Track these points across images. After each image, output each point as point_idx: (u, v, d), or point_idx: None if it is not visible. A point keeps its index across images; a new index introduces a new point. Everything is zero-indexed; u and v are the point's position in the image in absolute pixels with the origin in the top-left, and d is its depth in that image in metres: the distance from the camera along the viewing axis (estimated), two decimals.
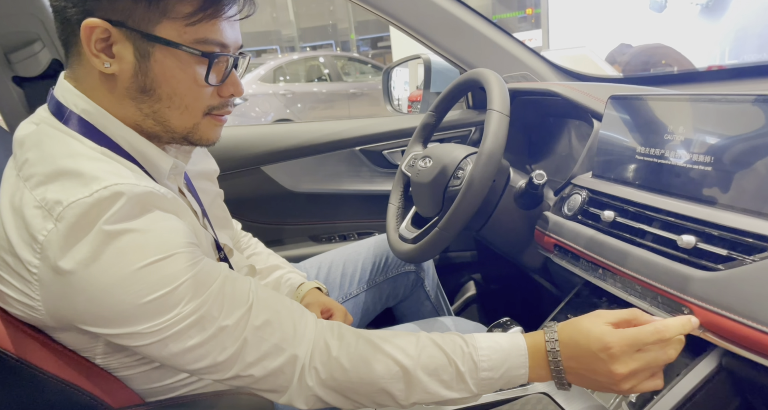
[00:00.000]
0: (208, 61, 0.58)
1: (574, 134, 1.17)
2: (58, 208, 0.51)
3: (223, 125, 0.67)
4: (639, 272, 0.65)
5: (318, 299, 0.93)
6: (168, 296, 0.53)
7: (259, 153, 1.37)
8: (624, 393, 0.57)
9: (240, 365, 0.56)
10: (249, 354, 0.56)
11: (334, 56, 7.45)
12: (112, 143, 0.59)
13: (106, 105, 0.59)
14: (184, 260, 0.54)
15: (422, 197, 1.00)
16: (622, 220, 0.73)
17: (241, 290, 0.58)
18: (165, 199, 0.56)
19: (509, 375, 0.59)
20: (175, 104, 0.59)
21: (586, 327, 0.58)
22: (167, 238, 0.54)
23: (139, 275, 0.52)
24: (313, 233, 1.48)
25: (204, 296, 0.55)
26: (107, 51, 0.56)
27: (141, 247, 0.52)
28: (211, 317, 0.55)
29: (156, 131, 0.61)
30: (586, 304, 0.82)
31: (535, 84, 1.22)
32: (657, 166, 0.71)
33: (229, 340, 0.56)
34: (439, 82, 1.58)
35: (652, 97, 0.74)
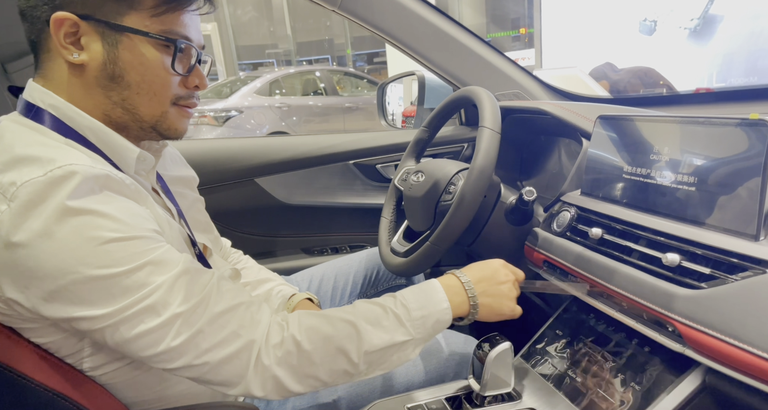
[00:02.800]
0: (174, 47, 0.62)
1: (564, 152, 1.19)
2: (11, 189, 0.52)
3: (191, 117, 0.70)
4: (625, 289, 0.66)
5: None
6: (122, 277, 0.53)
7: (253, 165, 1.38)
8: (513, 310, 0.76)
9: (194, 352, 0.56)
10: (204, 341, 0.56)
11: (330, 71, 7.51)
12: (77, 135, 0.61)
13: (74, 98, 0.62)
14: (142, 244, 0.55)
15: (414, 211, 1.01)
16: (610, 237, 0.74)
17: (200, 279, 0.59)
18: (123, 184, 0.58)
19: (436, 309, 0.70)
20: (143, 90, 0.62)
21: (483, 260, 0.80)
22: (127, 220, 0.55)
23: (95, 253, 0.52)
24: (305, 246, 1.48)
25: (160, 282, 0.55)
26: (76, 44, 0.60)
27: (99, 225, 0.53)
28: (165, 302, 0.55)
29: (125, 120, 0.64)
30: (575, 320, 0.83)
31: (527, 103, 1.24)
32: (643, 185, 0.73)
33: (184, 326, 0.55)
34: (432, 99, 1.61)
35: (640, 118, 0.75)
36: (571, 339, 0.80)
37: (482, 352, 0.73)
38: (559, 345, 0.81)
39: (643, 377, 0.65)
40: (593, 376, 0.71)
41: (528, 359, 0.82)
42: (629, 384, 0.66)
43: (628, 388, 0.66)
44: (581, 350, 0.77)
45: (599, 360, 0.73)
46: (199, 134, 5.59)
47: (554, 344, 0.82)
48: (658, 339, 0.63)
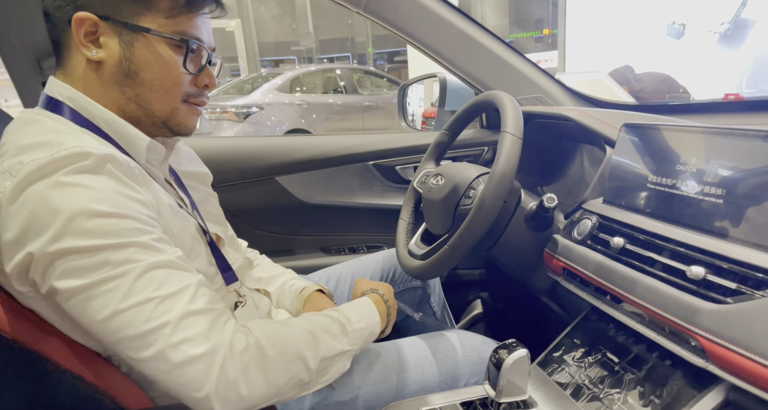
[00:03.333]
0: (186, 47, 0.66)
1: (587, 159, 1.18)
2: (17, 167, 0.55)
3: (200, 114, 0.74)
4: (647, 300, 0.66)
5: (321, 306, 0.93)
6: (104, 251, 0.54)
7: (274, 164, 1.40)
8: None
9: (162, 343, 0.54)
10: (173, 335, 0.55)
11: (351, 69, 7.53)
12: (92, 125, 0.65)
13: (91, 92, 0.66)
14: (130, 223, 0.56)
15: (433, 214, 1.01)
16: (632, 247, 0.73)
17: (182, 275, 0.58)
18: (127, 166, 0.60)
19: (371, 322, 0.77)
20: (156, 87, 0.66)
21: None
22: (118, 199, 0.56)
23: (77, 223, 0.53)
24: (323, 245, 1.50)
25: (141, 264, 0.55)
26: (95, 42, 0.64)
27: (89, 198, 0.54)
28: (141, 285, 0.55)
29: (138, 115, 0.67)
30: (594, 329, 0.82)
31: (550, 108, 1.23)
32: (668, 195, 0.71)
33: (155, 313, 0.55)
34: (454, 101, 1.60)
35: (667, 128, 0.74)
36: (590, 349, 0.79)
37: (498, 358, 0.72)
38: (576, 353, 0.80)
39: (663, 390, 0.64)
40: (611, 387, 0.70)
41: (544, 367, 0.82)
42: (649, 397, 0.65)
43: (648, 401, 0.65)
44: (600, 360, 0.76)
45: (618, 371, 0.72)
46: (220, 130, 5.66)
47: (572, 353, 0.81)
48: (680, 353, 0.62)
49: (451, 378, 0.89)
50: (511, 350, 0.72)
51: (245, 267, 0.88)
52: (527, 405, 0.74)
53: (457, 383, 0.90)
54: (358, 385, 0.84)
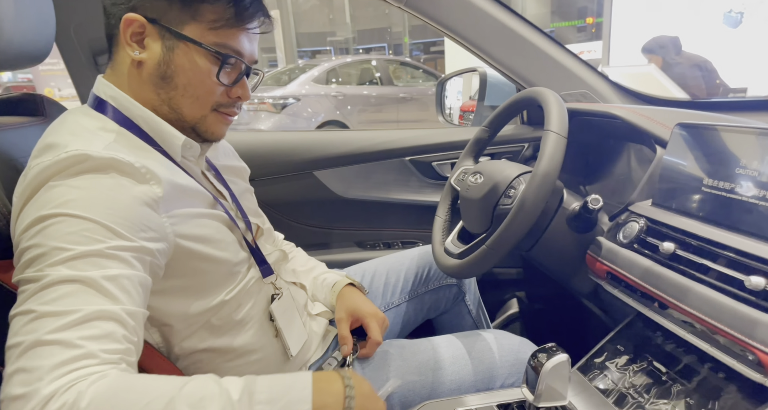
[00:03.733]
0: (221, 61, 0.68)
1: (635, 158, 1.13)
2: (29, 171, 0.59)
3: (230, 123, 0.75)
4: (700, 310, 0.63)
5: (350, 305, 0.92)
6: (47, 250, 0.52)
7: (312, 158, 1.41)
8: None
9: (9, 364, 0.48)
10: (17, 360, 0.48)
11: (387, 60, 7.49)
12: (132, 123, 0.67)
13: (131, 90, 0.68)
14: (90, 230, 0.53)
15: (471, 212, 1.00)
16: (683, 253, 0.70)
17: (88, 298, 0.51)
18: (132, 166, 0.59)
19: (288, 399, 0.54)
20: (188, 93, 0.68)
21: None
22: (97, 203, 0.55)
23: (45, 221, 0.53)
24: (358, 239, 1.50)
25: (58, 274, 0.51)
26: (140, 42, 0.67)
27: (66, 199, 0.54)
28: (38, 295, 0.50)
29: (170, 117, 0.69)
30: (639, 336, 0.79)
31: (595, 105, 1.18)
32: (726, 200, 0.68)
33: (24, 328, 0.49)
34: (493, 96, 1.57)
35: (725, 128, 0.70)
36: (635, 356, 0.77)
37: (537, 362, 0.71)
38: (620, 360, 0.78)
39: (715, 404, 0.62)
40: (658, 397, 0.68)
41: (585, 372, 0.80)
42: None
43: None
44: (645, 368, 0.74)
45: (666, 381, 0.70)
46: (257, 121, 5.76)
47: (615, 359, 0.78)
48: (736, 366, 0.59)
49: (488, 378, 0.89)
50: (550, 354, 0.71)
51: (281, 260, 0.89)
52: None
53: (493, 383, 0.89)
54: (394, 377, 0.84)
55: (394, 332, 1.12)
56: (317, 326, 0.93)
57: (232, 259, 0.73)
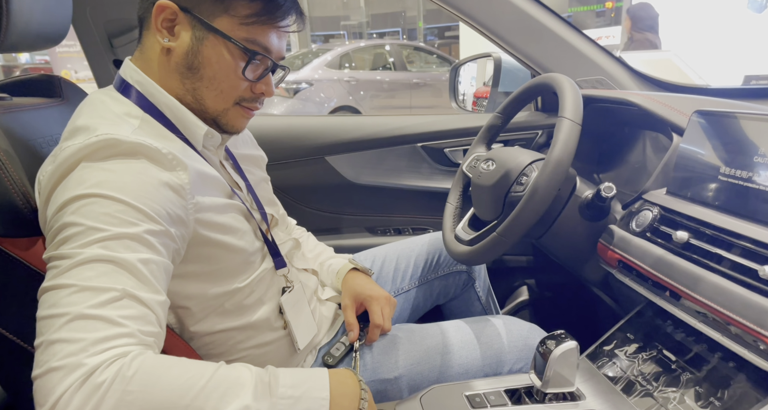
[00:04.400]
0: (248, 57, 0.67)
1: (650, 146, 1.11)
2: (59, 152, 0.59)
3: (251, 117, 0.75)
4: (713, 299, 0.62)
5: (354, 289, 0.92)
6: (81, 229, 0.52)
7: (324, 144, 1.41)
8: None
9: (48, 335, 0.48)
10: (58, 331, 0.48)
11: (401, 45, 7.41)
12: (156, 109, 0.67)
13: (157, 78, 0.69)
14: (121, 212, 0.54)
15: (482, 199, 0.99)
16: (697, 242, 0.69)
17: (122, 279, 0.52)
18: (159, 152, 0.60)
19: (311, 395, 0.55)
20: (213, 85, 0.68)
21: None
22: (128, 186, 0.56)
23: (81, 203, 0.54)
24: (369, 225, 1.51)
25: (91, 252, 0.51)
26: (170, 30, 0.67)
27: (98, 180, 0.55)
28: (74, 271, 0.51)
29: (193, 108, 0.70)
30: (649, 325, 0.79)
31: (612, 92, 1.16)
32: (742, 189, 0.67)
33: (63, 300, 0.49)
34: (508, 82, 1.55)
35: (744, 116, 0.69)
36: (644, 345, 0.77)
37: (546, 349, 0.71)
38: (629, 348, 0.78)
39: (725, 393, 0.61)
40: (667, 385, 0.68)
41: (594, 359, 0.80)
42: (708, 399, 0.63)
43: (707, 403, 0.62)
44: (654, 357, 0.73)
45: (675, 369, 0.69)
46: (270, 105, 5.76)
47: (624, 347, 0.78)
48: (747, 355, 0.58)
49: (496, 363, 0.89)
50: (559, 341, 0.71)
51: (294, 249, 0.90)
52: (574, 397, 0.73)
53: (501, 368, 0.89)
54: (402, 364, 0.85)
55: (403, 317, 1.13)
56: (327, 310, 0.94)
57: (247, 248, 0.74)
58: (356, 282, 0.94)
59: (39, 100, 0.80)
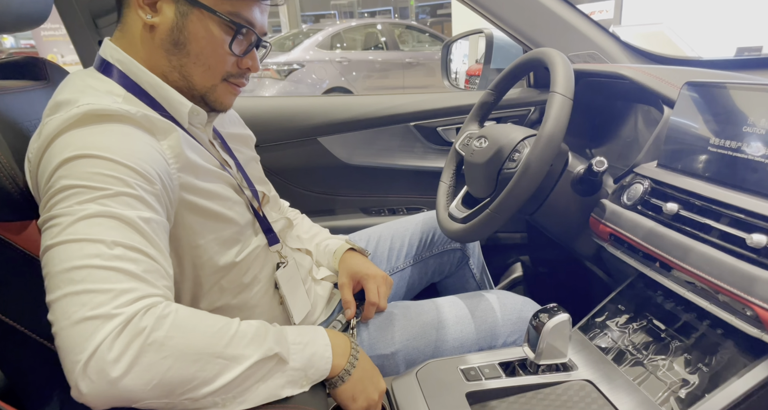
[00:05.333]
0: (234, 30, 0.67)
1: (642, 120, 1.11)
2: (43, 128, 0.59)
3: (238, 94, 0.75)
4: (701, 268, 0.63)
5: (351, 268, 0.94)
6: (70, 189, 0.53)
7: (316, 124, 1.40)
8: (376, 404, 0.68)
9: (68, 288, 0.48)
10: (82, 282, 0.48)
11: (392, 24, 7.29)
12: (138, 88, 0.67)
13: (140, 56, 0.68)
14: (113, 171, 0.54)
15: (475, 177, 0.99)
16: (686, 213, 0.70)
17: (130, 234, 0.52)
18: (146, 117, 0.60)
19: (317, 342, 0.64)
20: (200, 61, 0.68)
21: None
22: (119, 146, 0.56)
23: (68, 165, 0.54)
24: (363, 206, 1.51)
25: (93, 208, 0.51)
26: (152, 6, 0.66)
27: (86, 142, 0.55)
28: (80, 227, 0.51)
29: (179, 85, 0.69)
30: (640, 296, 0.81)
31: (603, 66, 1.16)
32: (731, 159, 0.67)
33: (77, 253, 0.49)
34: (500, 58, 1.54)
35: (734, 86, 0.69)
36: (635, 315, 0.78)
37: (539, 322, 0.73)
38: (620, 319, 0.79)
39: (712, 359, 0.63)
40: (656, 353, 0.70)
41: (586, 331, 0.82)
42: (696, 365, 0.64)
43: (695, 369, 0.64)
44: (645, 326, 0.75)
45: (664, 338, 0.71)
46: (262, 88, 5.69)
47: (615, 318, 0.80)
48: (734, 322, 0.60)
49: (490, 337, 0.91)
50: (552, 314, 0.73)
51: (286, 228, 0.91)
52: (567, 368, 0.75)
53: (495, 341, 0.91)
54: (398, 340, 0.87)
55: (399, 295, 1.14)
56: (322, 290, 0.95)
57: (238, 220, 0.74)
58: (353, 262, 0.95)
59: (24, 82, 0.79)
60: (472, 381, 0.73)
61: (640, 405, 0.64)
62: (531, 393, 0.71)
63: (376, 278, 0.92)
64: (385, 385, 0.70)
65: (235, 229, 0.74)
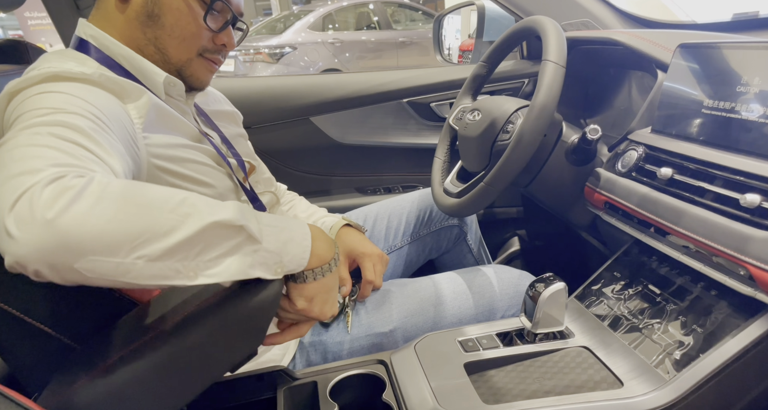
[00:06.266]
0: (208, 5, 0.68)
1: (635, 87, 1.10)
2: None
3: (214, 72, 0.74)
4: (695, 231, 0.63)
5: (347, 246, 0.93)
6: (32, 111, 0.50)
7: (308, 104, 1.39)
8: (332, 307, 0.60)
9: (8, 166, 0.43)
10: (17, 162, 0.43)
11: (384, 2, 7.17)
12: (111, 61, 0.67)
13: (116, 31, 0.68)
14: (70, 102, 0.52)
15: (469, 151, 0.99)
16: (681, 178, 0.70)
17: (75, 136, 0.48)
18: (109, 79, 0.59)
19: (294, 229, 0.54)
20: (175, 33, 0.68)
21: None
22: (79, 96, 0.54)
23: (29, 101, 0.52)
24: (359, 185, 1.51)
25: (61, 122, 0.49)
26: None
27: (45, 95, 0.53)
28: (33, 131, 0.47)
29: (155, 59, 0.69)
30: (635, 263, 0.81)
31: (596, 32, 1.14)
32: (725, 120, 0.66)
33: (17, 149, 0.45)
34: (493, 31, 1.51)
35: (727, 45, 0.68)
36: (630, 281, 0.78)
37: (535, 291, 0.73)
38: (616, 286, 0.79)
39: (707, 320, 0.63)
40: (651, 318, 0.70)
41: (582, 299, 0.82)
42: (691, 327, 0.64)
43: (690, 330, 0.64)
44: (640, 292, 0.75)
45: (659, 302, 0.71)
46: (254, 71, 5.62)
47: (611, 285, 0.80)
48: (727, 282, 0.60)
49: (488, 311, 0.91)
50: (548, 283, 0.73)
51: (274, 204, 0.90)
52: (564, 336, 0.75)
53: (493, 315, 0.91)
54: (396, 318, 0.87)
55: (397, 273, 1.14)
56: None
57: (215, 185, 0.72)
58: (350, 238, 0.95)
59: (6, 67, 0.78)
60: (470, 351, 0.73)
61: (635, 367, 0.65)
62: (528, 362, 0.72)
63: (372, 256, 0.92)
64: (335, 310, 0.62)
65: (213, 192, 0.72)
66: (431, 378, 0.69)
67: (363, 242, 0.95)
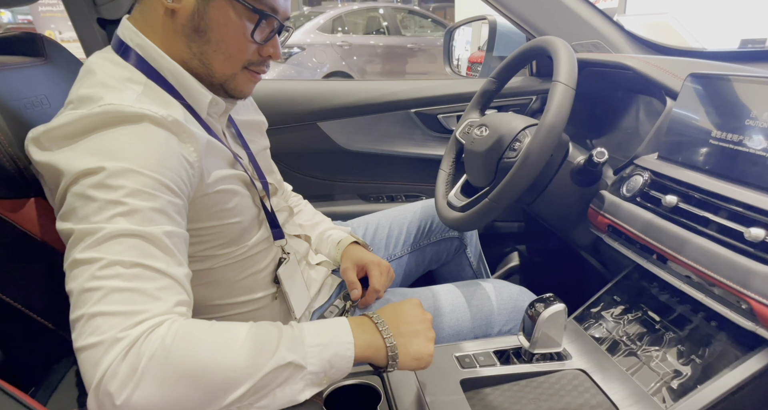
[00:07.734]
0: (258, 18, 0.65)
1: (643, 111, 1.11)
2: (61, 115, 0.58)
3: (258, 81, 0.73)
4: (698, 261, 0.63)
5: (354, 256, 0.95)
6: (93, 202, 0.52)
7: (316, 109, 1.39)
8: (431, 352, 0.63)
9: (85, 308, 0.49)
10: (97, 304, 0.49)
11: (395, 8, 7.20)
12: (158, 75, 0.65)
13: (160, 41, 0.65)
14: (136, 182, 0.53)
15: (475, 166, 0.99)
16: (685, 206, 0.70)
17: (151, 251, 0.53)
18: (165, 121, 0.58)
19: (336, 341, 0.58)
20: (221, 49, 0.66)
21: (396, 302, 0.68)
22: (142, 155, 0.55)
23: (93, 176, 0.53)
24: (362, 192, 1.51)
25: (116, 227, 0.51)
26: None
27: (111, 150, 0.53)
28: (103, 246, 0.51)
29: (199, 72, 0.67)
30: (636, 288, 0.81)
31: (607, 56, 1.15)
32: (732, 152, 0.67)
33: (97, 273, 0.50)
34: (503, 46, 1.52)
35: (738, 78, 0.68)
36: (630, 306, 0.78)
37: (535, 311, 0.73)
38: (615, 310, 0.80)
39: (705, 351, 0.64)
40: (650, 344, 0.70)
41: (581, 321, 0.82)
42: (689, 357, 0.65)
43: (688, 360, 0.64)
44: (639, 318, 0.75)
45: (659, 329, 0.71)
46: None
47: (611, 309, 0.80)
48: (728, 315, 0.60)
49: (485, 325, 0.91)
50: (548, 304, 0.73)
51: (289, 216, 0.91)
52: (561, 357, 0.75)
53: (491, 330, 0.92)
54: None
55: (396, 283, 1.14)
56: (316, 274, 0.95)
57: (242, 219, 0.73)
58: (357, 252, 0.96)
59: (21, 59, 0.78)
60: (466, 368, 0.74)
61: (632, 394, 0.65)
62: (525, 381, 0.72)
63: (381, 266, 0.93)
64: (433, 334, 0.65)
65: (241, 226, 0.73)
66: (427, 392, 0.69)
67: (370, 254, 0.96)
